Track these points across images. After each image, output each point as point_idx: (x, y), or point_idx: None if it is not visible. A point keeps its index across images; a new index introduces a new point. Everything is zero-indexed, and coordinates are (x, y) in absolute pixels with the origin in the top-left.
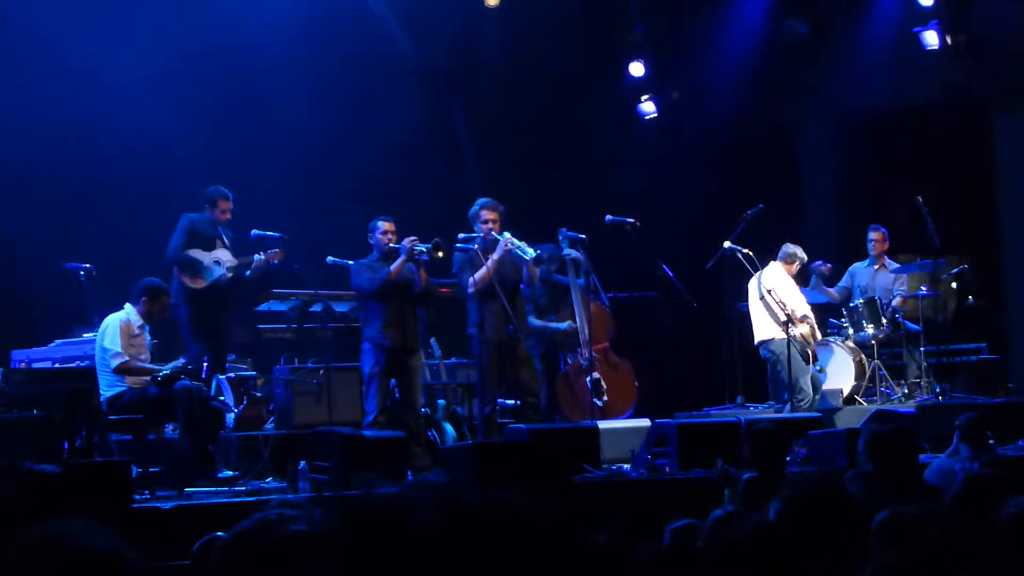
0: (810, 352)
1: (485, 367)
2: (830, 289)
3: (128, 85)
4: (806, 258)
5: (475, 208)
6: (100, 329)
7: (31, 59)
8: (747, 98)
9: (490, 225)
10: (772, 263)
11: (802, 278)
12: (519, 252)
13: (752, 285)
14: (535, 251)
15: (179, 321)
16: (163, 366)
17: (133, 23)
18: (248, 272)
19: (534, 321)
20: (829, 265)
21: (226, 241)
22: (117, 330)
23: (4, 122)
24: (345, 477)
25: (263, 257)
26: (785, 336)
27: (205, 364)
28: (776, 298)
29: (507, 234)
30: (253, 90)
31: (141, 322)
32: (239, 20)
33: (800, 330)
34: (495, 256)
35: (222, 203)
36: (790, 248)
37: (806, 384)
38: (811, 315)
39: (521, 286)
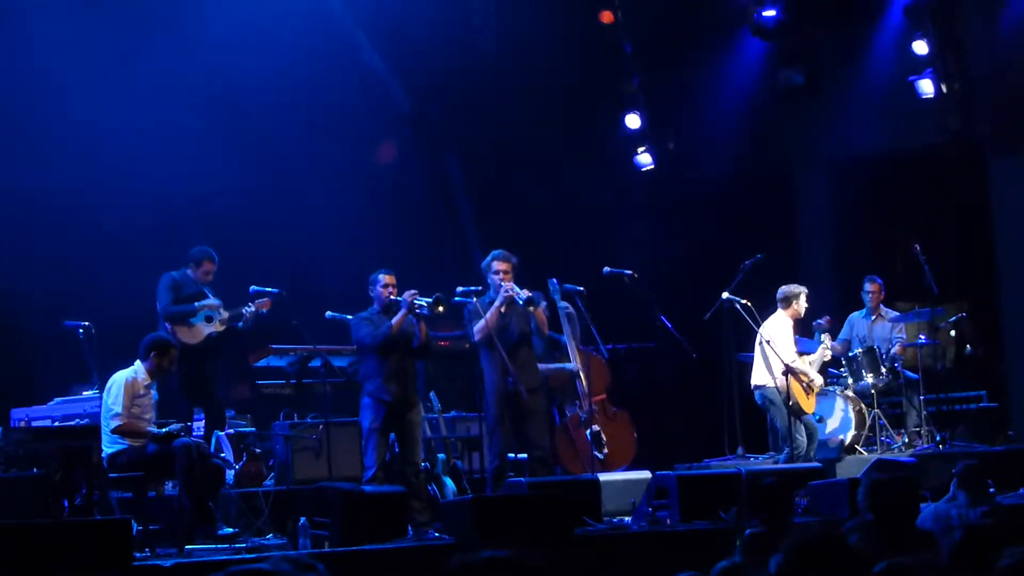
0: (792, 404)
1: (490, 420)
2: (833, 343)
3: (126, 142)
4: (804, 291)
5: (487, 260)
6: (107, 385)
7: (29, 118)
8: (743, 148)
9: (501, 276)
10: (777, 311)
11: (809, 316)
12: (517, 299)
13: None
14: (528, 294)
15: (172, 378)
16: (158, 429)
17: (132, 81)
18: (240, 324)
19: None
20: (828, 318)
21: (208, 297)
22: (121, 389)
23: (2, 180)
24: (346, 533)
25: (252, 308)
26: (774, 385)
27: (200, 422)
28: (773, 349)
29: (510, 283)
30: (250, 145)
31: (148, 380)
32: (235, 76)
33: (782, 382)
34: (495, 304)
35: (207, 264)
36: (784, 291)
37: (800, 433)
38: (801, 369)
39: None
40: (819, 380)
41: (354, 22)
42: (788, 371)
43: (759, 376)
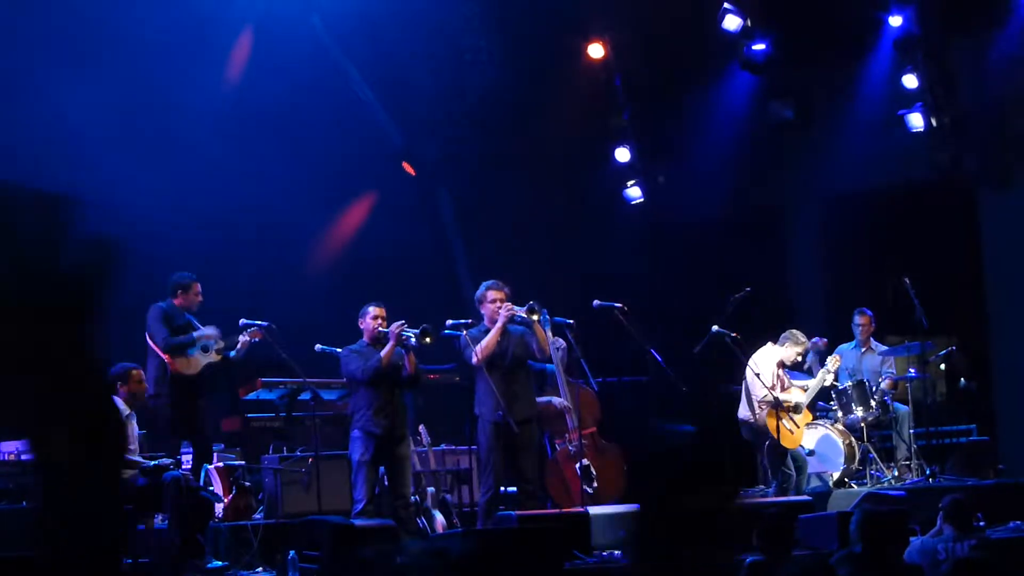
0: (770, 443)
1: (483, 452)
2: (821, 367)
3: (113, 177)
4: (805, 344)
5: (481, 290)
6: None
7: (17, 151)
8: (733, 182)
9: (497, 304)
10: (768, 344)
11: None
12: (519, 317)
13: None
14: (527, 305)
15: (159, 411)
16: (148, 461)
17: (122, 116)
18: (232, 353)
19: None
20: (825, 340)
21: (197, 327)
22: None
23: None
24: (335, 566)
25: (246, 337)
26: (753, 419)
27: (188, 455)
28: (761, 381)
29: (508, 304)
30: (239, 179)
31: (127, 411)
32: (226, 110)
33: (764, 416)
34: (497, 325)
35: (195, 286)
36: (789, 332)
37: (788, 467)
38: (784, 398)
39: (530, 361)
40: (801, 398)
41: (347, 58)
42: (776, 404)
43: (743, 410)
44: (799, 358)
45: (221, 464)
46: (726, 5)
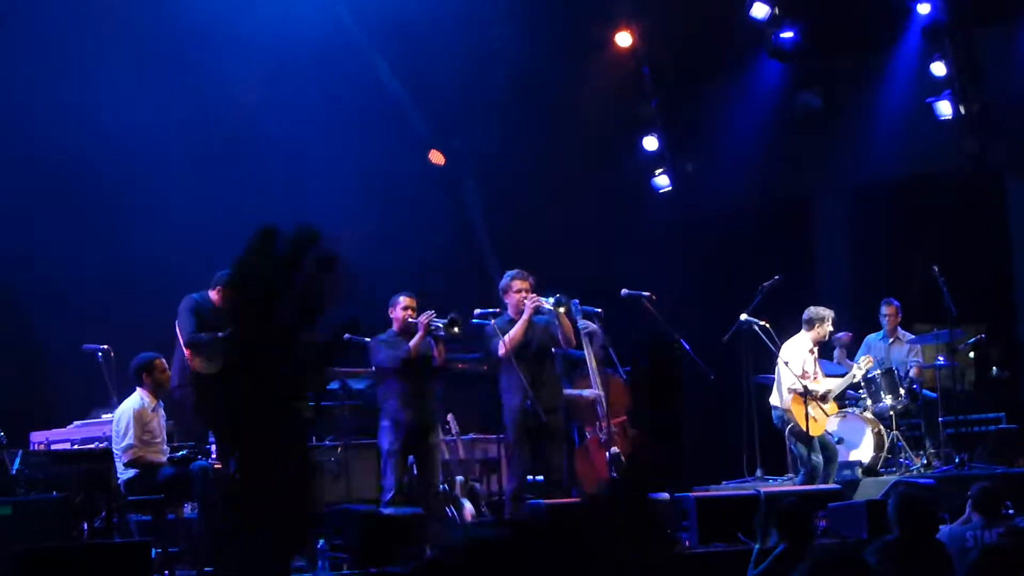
0: (792, 427)
1: (511, 441)
2: (851, 362)
3: (146, 168)
4: (830, 314)
5: (505, 280)
6: (115, 417)
7: (50, 148)
8: (761, 171)
9: (523, 294)
10: (800, 332)
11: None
12: (545, 308)
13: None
14: (554, 297)
15: (184, 403)
16: (172, 454)
17: (156, 112)
18: None
19: None
20: (850, 334)
21: None
22: (131, 420)
23: (22, 207)
24: (364, 556)
25: None
26: (786, 407)
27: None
28: (790, 371)
29: (534, 295)
30: (268, 171)
31: (153, 403)
32: (255, 103)
33: (792, 406)
34: (524, 317)
35: None
36: (809, 312)
37: (816, 454)
38: (813, 388)
39: (554, 350)
40: (828, 404)
41: (373, 48)
42: (805, 393)
43: (774, 396)
44: (829, 330)
45: None
46: None
